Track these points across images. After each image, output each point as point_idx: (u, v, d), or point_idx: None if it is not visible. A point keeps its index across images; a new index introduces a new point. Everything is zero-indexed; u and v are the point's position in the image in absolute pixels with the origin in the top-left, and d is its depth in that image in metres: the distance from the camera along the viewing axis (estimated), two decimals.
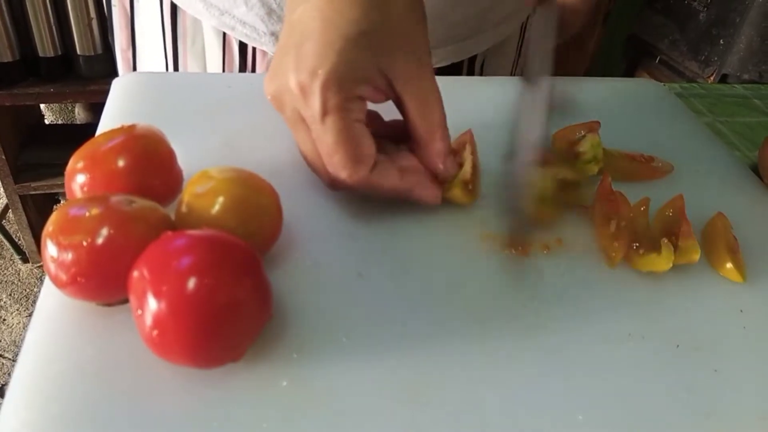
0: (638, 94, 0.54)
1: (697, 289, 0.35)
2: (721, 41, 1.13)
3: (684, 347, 0.31)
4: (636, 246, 0.35)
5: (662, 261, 0.34)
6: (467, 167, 0.38)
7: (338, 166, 0.32)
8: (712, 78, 1.16)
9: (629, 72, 1.39)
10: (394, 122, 0.37)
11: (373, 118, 0.37)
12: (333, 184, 0.35)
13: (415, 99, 0.33)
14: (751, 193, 0.44)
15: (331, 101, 0.31)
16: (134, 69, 0.58)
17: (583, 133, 0.43)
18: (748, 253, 0.38)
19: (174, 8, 0.51)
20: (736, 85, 0.64)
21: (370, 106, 0.34)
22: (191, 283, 0.24)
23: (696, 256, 0.35)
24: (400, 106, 0.34)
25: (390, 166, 0.34)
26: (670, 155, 0.45)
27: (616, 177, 0.41)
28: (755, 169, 0.47)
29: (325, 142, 0.32)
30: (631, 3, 1.34)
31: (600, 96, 0.52)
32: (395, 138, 0.37)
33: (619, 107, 0.51)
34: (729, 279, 0.36)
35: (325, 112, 0.31)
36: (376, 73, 0.32)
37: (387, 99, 0.34)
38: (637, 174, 0.43)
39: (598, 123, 0.44)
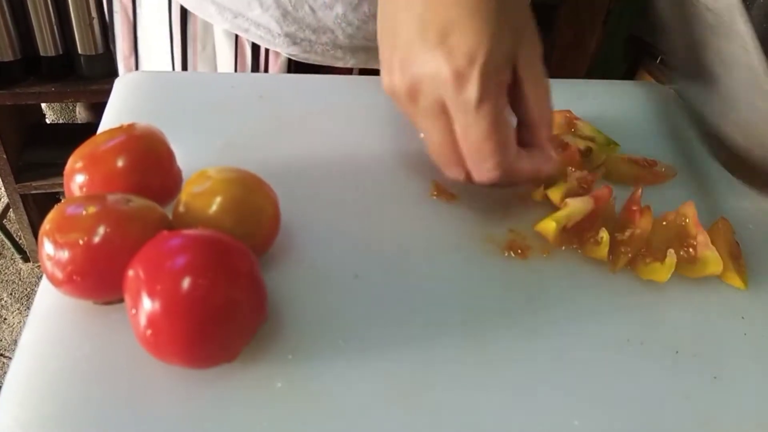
0: (641, 97, 0.54)
1: (698, 295, 0.34)
2: None
3: (683, 353, 0.31)
4: (643, 252, 0.35)
5: (663, 271, 0.33)
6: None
7: (488, 154, 0.32)
8: None
9: (630, 72, 1.39)
10: None
11: None
12: (469, 176, 0.34)
13: (535, 83, 0.34)
14: (752, 195, 0.44)
15: (490, 87, 0.31)
16: None
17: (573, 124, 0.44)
18: (750, 257, 0.37)
19: (184, 14, 0.50)
20: None
21: None
22: (185, 283, 0.24)
23: (718, 268, 0.34)
24: (517, 90, 0.34)
25: (522, 151, 0.34)
26: (674, 159, 0.45)
27: (619, 181, 0.41)
28: None
29: (478, 130, 0.31)
30: (632, 4, 1.33)
31: (602, 99, 0.52)
32: None
33: (622, 110, 0.51)
34: (731, 285, 0.35)
35: (482, 99, 0.31)
36: (513, 56, 0.32)
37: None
38: (639, 178, 0.42)
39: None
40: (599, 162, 0.42)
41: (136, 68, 0.58)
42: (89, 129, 0.42)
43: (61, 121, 1.82)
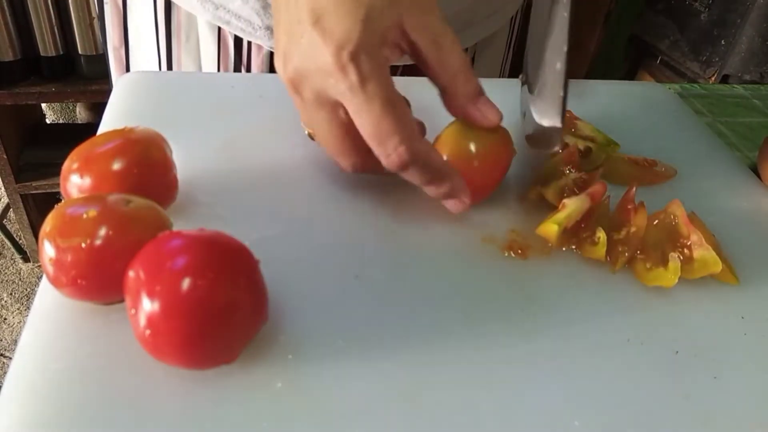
0: (641, 97, 0.54)
1: (698, 295, 0.34)
2: (722, 42, 1.13)
3: (683, 354, 0.31)
4: (641, 256, 0.35)
5: (668, 276, 0.33)
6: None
7: (388, 132, 0.30)
8: (713, 79, 1.16)
9: (630, 73, 1.39)
10: None
11: None
12: (366, 165, 0.33)
13: (435, 47, 0.32)
14: (753, 195, 0.44)
15: (367, 67, 0.30)
16: (127, 67, 0.58)
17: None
18: (750, 257, 0.37)
19: (168, 4, 0.50)
20: (736, 86, 0.63)
21: None
22: (185, 283, 0.24)
23: (717, 268, 0.33)
24: (417, 57, 0.33)
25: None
26: (674, 159, 0.45)
27: (619, 181, 0.41)
28: (755, 170, 0.47)
29: (371, 111, 0.30)
30: (632, 4, 1.33)
31: (602, 99, 0.52)
32: None
33: (622, 110, 0.51)
34: (729, 285, 0.35)
35: (365, 80, 0.30)
36: (395, 28, 0.31)
37: (403, 54, 0.33)
38: (639, 178, 0.42)
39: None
40: (599, 162, 0.42)
41: (126, 60, 0.57)
42: (89, 129, 0.42)
43: (61, 121, 1.82)
